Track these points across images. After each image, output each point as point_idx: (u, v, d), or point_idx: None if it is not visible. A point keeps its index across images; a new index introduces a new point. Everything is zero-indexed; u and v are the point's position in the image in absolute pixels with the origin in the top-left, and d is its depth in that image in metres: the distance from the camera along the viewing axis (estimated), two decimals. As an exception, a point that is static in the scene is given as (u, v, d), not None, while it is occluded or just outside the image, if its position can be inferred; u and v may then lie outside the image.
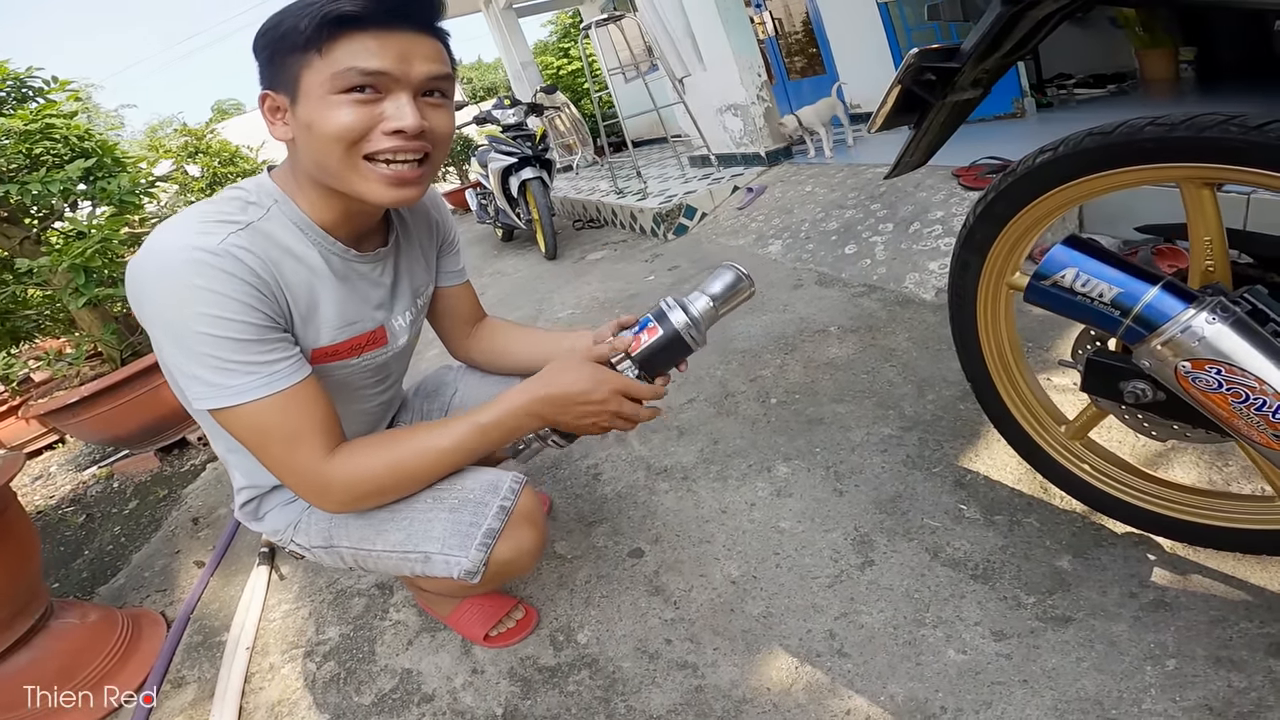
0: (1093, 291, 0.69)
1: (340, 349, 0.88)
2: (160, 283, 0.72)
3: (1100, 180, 0.79)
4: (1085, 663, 0.86)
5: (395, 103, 0.73)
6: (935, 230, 2.23)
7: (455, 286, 1.13)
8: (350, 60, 0.70)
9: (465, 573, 0.85)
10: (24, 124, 2.46)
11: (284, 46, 0.72)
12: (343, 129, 0.72)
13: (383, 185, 0.76)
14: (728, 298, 0.87)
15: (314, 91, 0.72)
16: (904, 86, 0.90)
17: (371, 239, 0.92)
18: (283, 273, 0.79)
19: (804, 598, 1.07)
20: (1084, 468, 0.98)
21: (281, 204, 0.82)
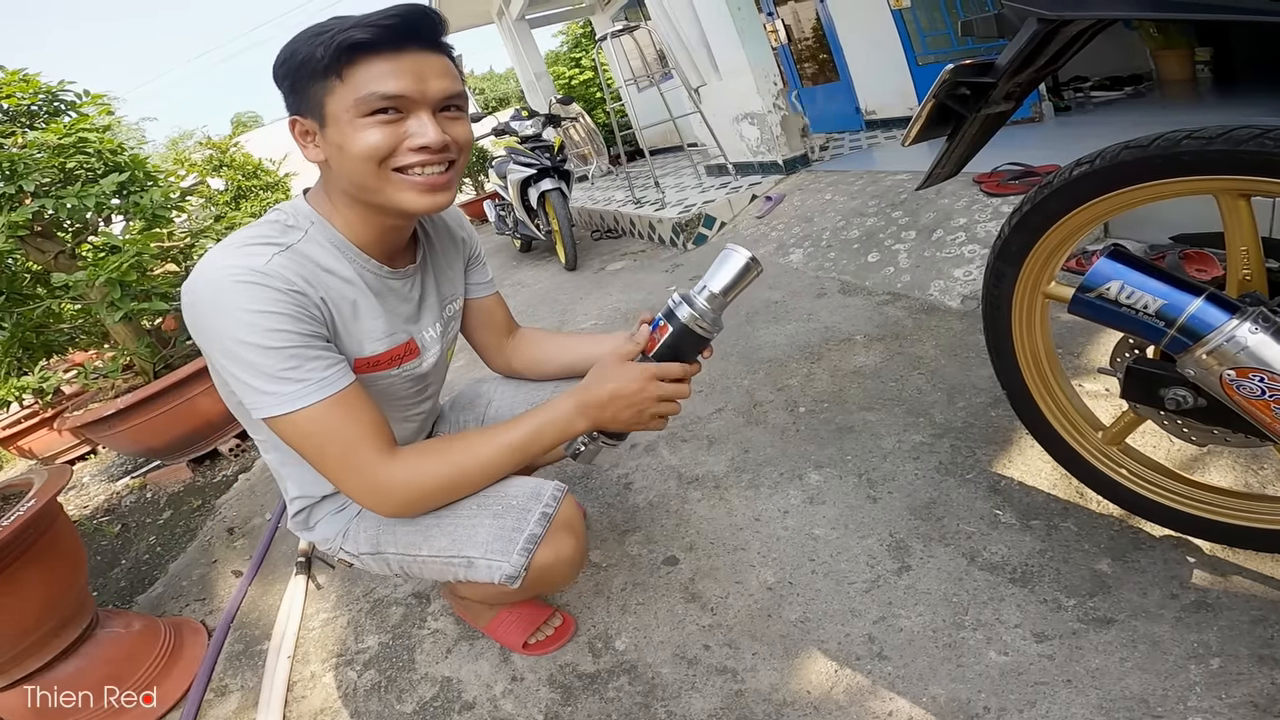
0: (1137, 303, 0.71)
1: (381, 360, 0.92)
2: (214, 303, 0.77)
3: (1137, 193, 0.80)
4: (1129, 662, 0.87)
5: (417, 120, 0.78)
6: (959, 237, 2.23)
7: (486, 298, 1.17)
8: (370, 85, 0.75)
9: (506, 577, 0.87)
10: (58, 138, 2.50)
11: (304, 74, 0.77)
12: (372, 149, 0.77)
13: (416, 193, 0.81)
14: (734, 284, 0.87)
15: (341, 116, 0.76)
16: (938, 101, 0.93)
17: (402, 256, 0.97)
18: (323, 289, 0.84)
19: (841, 602, 1.09)
20: (1122, 472, 0.99)
21: (318, 226, 0.87)
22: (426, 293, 1.02)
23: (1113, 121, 2.85)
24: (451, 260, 1.09)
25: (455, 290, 1.10)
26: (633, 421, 0.89)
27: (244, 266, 0.77)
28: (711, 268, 0.88)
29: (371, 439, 0.82)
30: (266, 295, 0.77)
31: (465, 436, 0.91)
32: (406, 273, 0.97)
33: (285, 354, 0.77)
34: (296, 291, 0.79)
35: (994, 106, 0.96)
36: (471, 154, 7.73)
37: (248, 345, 0.76)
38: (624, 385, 0.87)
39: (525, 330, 1.23)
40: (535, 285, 4.05)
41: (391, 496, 0.85)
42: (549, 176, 3.92)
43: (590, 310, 3.14)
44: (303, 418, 0.79)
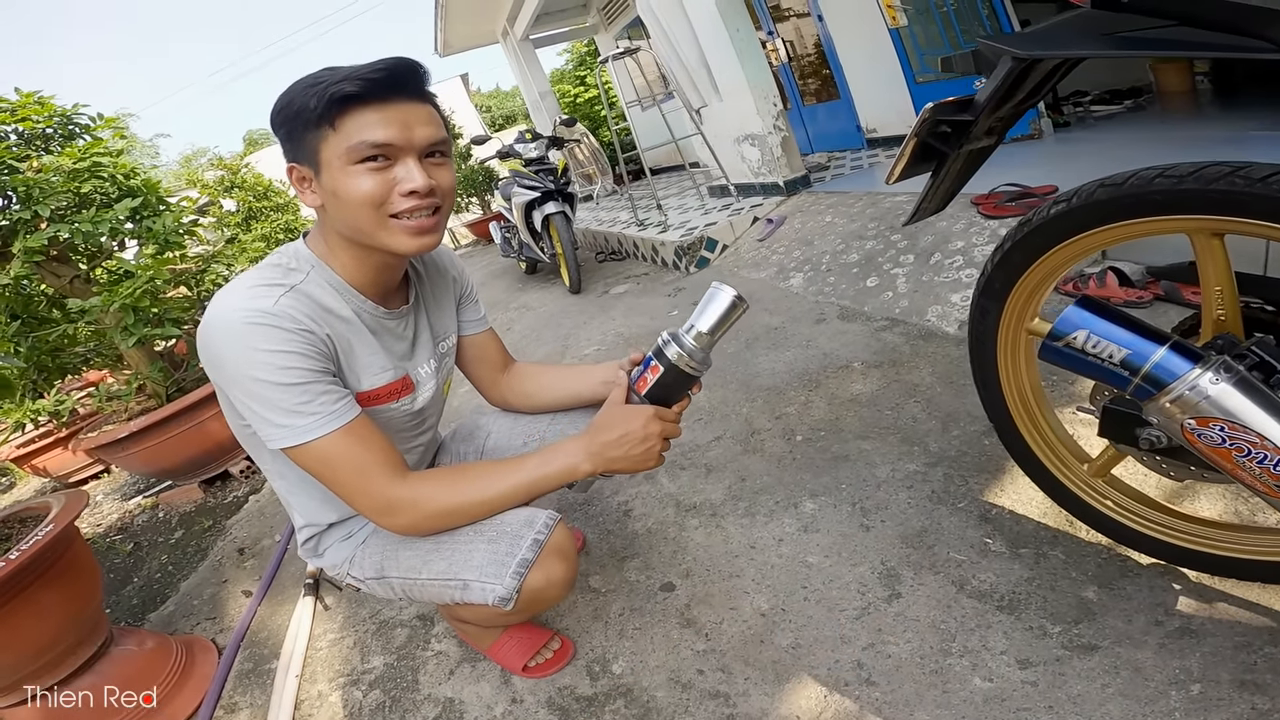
0: (1103, 353, 0.74)
1: (380, 394, 0.98)
2: (230, 345, 0.83)
3: (1112, 231, 0.82)
4: (1110, 689, 0.89)
5: (405, 167, 0.84)
6: (956, 261, 2.26)
7: (479, 334, 1.22)
8: (360, 134, 0.80)
9: (500, 599, 0.92)
10: (73, 162, 2.55)
11: (299, 124, 0.82)
12: (365, 195, 0.83)
13: (407, 236, 0.87)
14: (720, 323, 0.91)
15: (334, 163, 0.82)
16: (920, 139, 0.96)
17: (395, 297, 1.03)
18: (327, 327, 0.89)
19: (832, 629, 1.11)
20: (1107, 504, 1.01)
21: (318, 269, 0.93)
22: (420, 330, 1.07)
23: (1112, 137, 2.86)
24: (443, 299, 1.15)
25: (448, 327, 1.15)
26: (639, 460, 0.94)
27: (255, 309, 0.83)
28: (699, 306, 0.92)
29: (382, 463, 0.89)
30: (279, 335, 0.83)
31: (474, 468, 0.97)
32: (401, 312, 1.02)
33: (299, 390, 0.83)
34: (305, 330, 0.85)
35: (976, 142, 0.99)
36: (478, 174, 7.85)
37: (264, 383, 0.82)
38: (631, 427, 0.92)
39: (519, 365, 1.28)
40: (540, 309, 4.08)
41: (400, 515, 0.91)
42: (553, 200, 3.96)
43: (594, 335, 3.16)
44: (317, 447, 0.85)
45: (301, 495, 1.05)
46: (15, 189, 2.39)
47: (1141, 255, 1.96)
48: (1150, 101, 3.16)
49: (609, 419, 0.94)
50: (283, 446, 0.85)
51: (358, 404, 0.90)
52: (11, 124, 2.58)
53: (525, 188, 4.02)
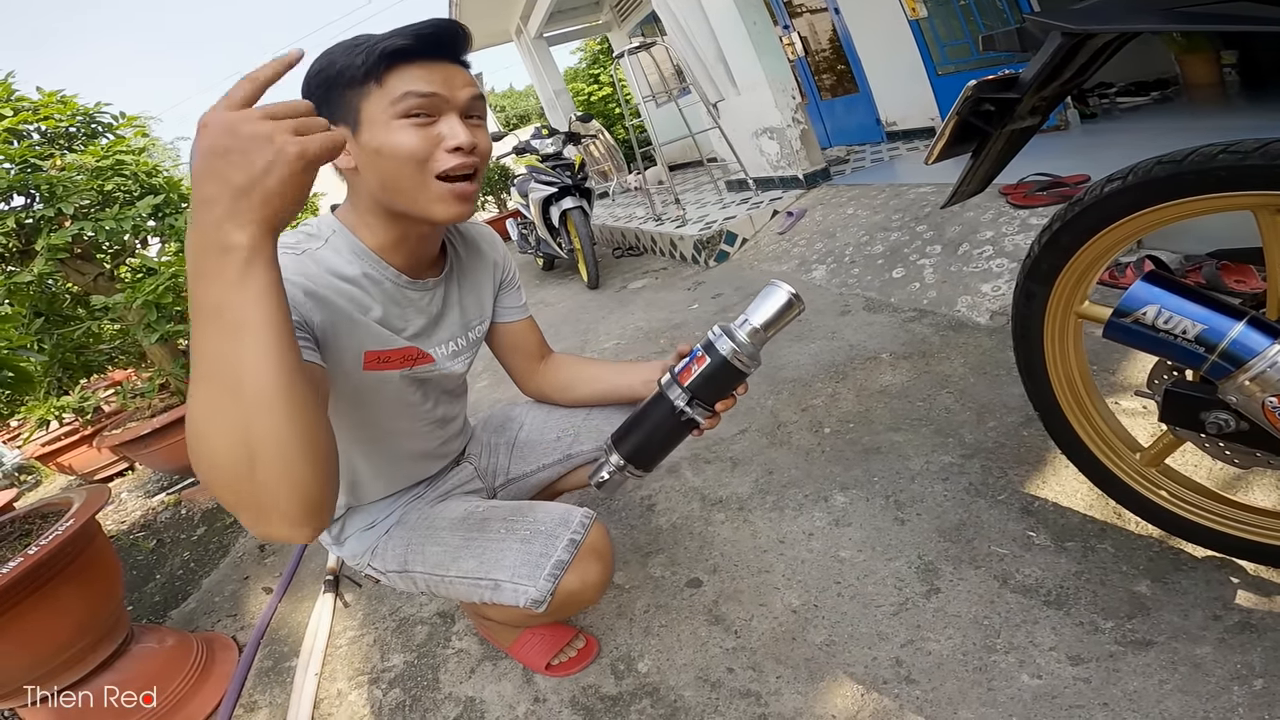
0: (1176, 328, 0.69)
1: (391, 356, 0.93)
2: None
3: (1171, 209, 0.78)
4: (1169, 685, 0.84)
5: (448, 123, 0.81)
6: (986, 251, 2.20)
7: (518, 322, 1.17)
8: (406, 86, 0.78)
9: (532, 601, 0.88)
10: (96, 160, 2.57)
11: (340, 82, 0.79)
12: (410, 150, 0.79)
13: (453, 202, 0.83)
14: (775, 320, 0.87)
15: (377, 119, 0.79)
16: (961, 118, 0.92)
17: (427, 270, 0.98)
18: (328, 290, 0.85)
19: (868, 625, 1.07)
20: (1161, 494, 0.96)
21: (339, 234, 0.90)
22: (449, 309, 1.02)
23: (1140, 129, 2.80)
24: (480, 281, 1.09)
25: (482, 312, 1.10)
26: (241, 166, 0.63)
27: None
28: (754, 302, 0.88)
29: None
30: None
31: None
32: (427, 285, 0.97)
33: None
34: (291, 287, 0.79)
35: (1019, 122, 0.95)
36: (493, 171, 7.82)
37: None
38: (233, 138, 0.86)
39: (558, 356, 1.24)
40: (558, 304, 4.07)
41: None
42: (570, 195, 3.94)
43: (613, 330, 3.14)
44: None
45: None
46: (38, 187, 2.41)
47: (1180, 244, 1.89)
48: (1177, 93, 3.09)
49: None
50: None
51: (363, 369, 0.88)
52: (34, 123, 2.61)
53: (542, 183, 4.01)
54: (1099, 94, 3.36)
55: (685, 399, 0.89)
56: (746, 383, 0.92)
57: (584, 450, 1.19)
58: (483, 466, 1.25)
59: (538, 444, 1.21)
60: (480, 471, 1.24)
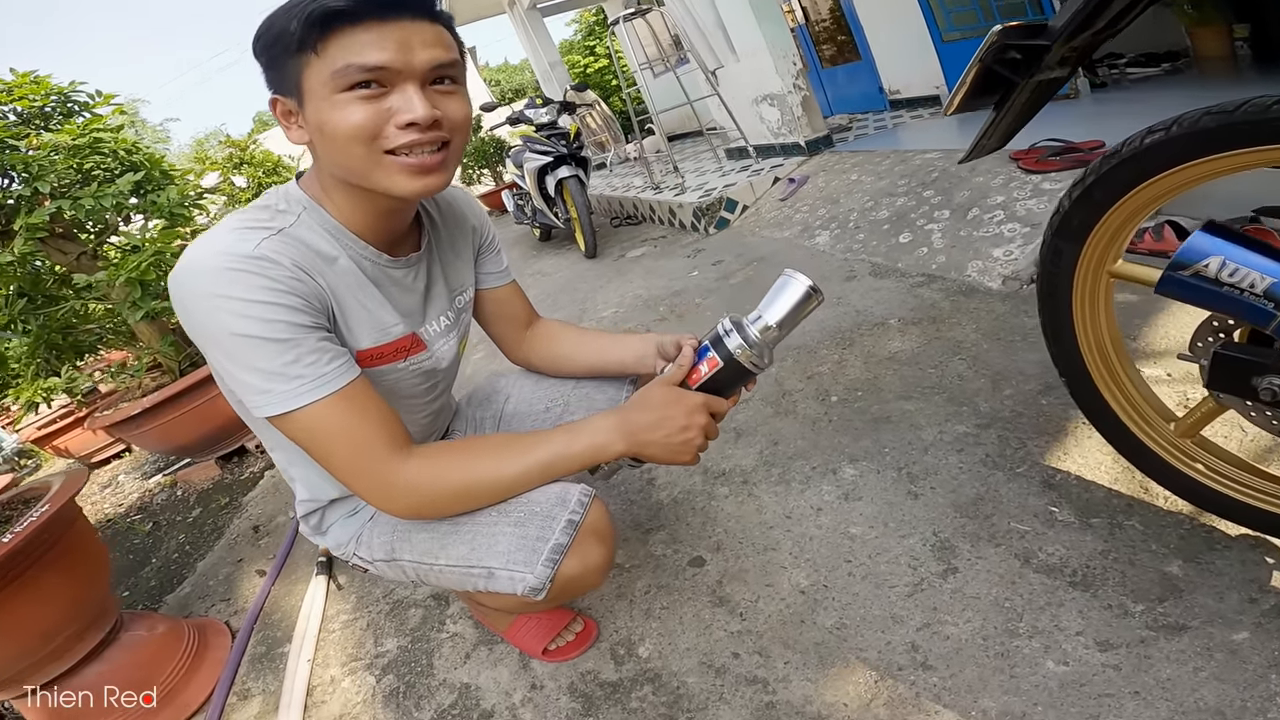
0: (1242, 282, 0.62)
1: (384, 351, 0.86)
2: (202, 295, 0.71)
3: (1219, 162, 0.71)
4: (1204, 672, 0.79)
5: (402, 95, 0.71)
6: (997, 215, 2.12)
7: (501, 288, 1.09)
8: (347, 57, 0.68)
9: (530, 589, 0.81)
10: (72, 139, 2.51)
11: (279, 50, 0.70)
12: (354, 128, 0.70)
13: (406, 176, 0.74)
14: (792, 315, 0.80)
15: (317, 92, 0.70)
16: (984, 65, 0.85)
17: (403, 244, 0.91)
18: (320, 276, 0.78)
19: (881, 608, 1.01)
20: (1197, 467, 0.89)
21: (310, 210, 0.81)
22: (433, 282, 0.95)
23: (1152, 98, 2.72)
24: (461, 248, 1.02)
25: (464, 280, 1.03)
26: (673, 452, 0.83)
27: (231, 253, 0.71)
28: (767, 296, 0.81)
29: (381, 437, 0.76)
30: (260, 284, 0.70)
31: (489, 443, 0.86)
32: (409, 261, 0.90)
33: (284, 347, 0.71)
34: (293, 278, 0.73)
35: (1046, 72, 0.88)
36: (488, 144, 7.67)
37: (241, 338, 0.70)
38: (672, 411, 0.81)
39: (546, 323, 1.16)
40: (555, 274, 4.00)
41: (402, 499, 0.79)
42: (566, 164, 3.86)
43: (610, 298, 3.08)
44: (305, 416, 0.73)
45: (302, 466, 0.95)
46: (14, 167, 2.34)
47: (1199, 209, 1.81)
48: (1187, 65, 3.02)
49: (651, 398, 0.83)
50: (267, 415, 0.74)
51: (357, 365, 0.79)
52: (9, 103, 2.55)
53: (537, 153, 3.93)
54: (1109, 64, 3.28)
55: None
56: (755, 379, 0.87)
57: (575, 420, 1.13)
58: None
59: (526, 416, 1.14)
60: None
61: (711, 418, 0.84)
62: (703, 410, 0.82)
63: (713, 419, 0.84)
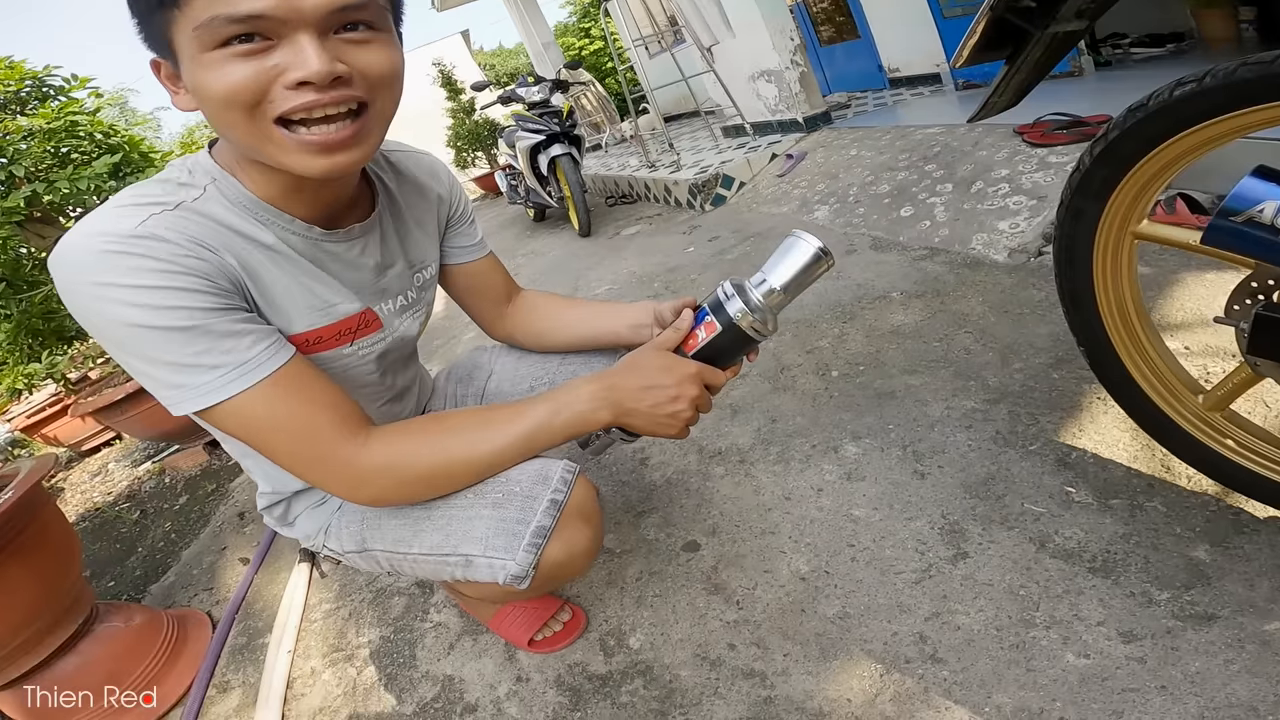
0: None
1: (324, 334, 0.76)
2: (78, 283, 0.61)
3: (1254, 115, 0.64)
4: (1235, 665, 0.74)
5: (292, 48, 0.57)
6: (1001, 189, 2.04)
7: (475, 262, 1.00)
8: (212, 7, 0.55)
9: (512, 577, 0.74)
10: (47, 123, 2.46)
11: (141, 7, 0.60)
12: (228, 92, 0.58)
13: (307, 154, 0.62)
14: (798, 279, 0.73)
15: (186, 50, 0.58)
16: (995, 15, 0.78)
17: (347, 215, 0.79)
18: (229, 253, 0.67)
19: (887, 596, 0.95)
20: (1228, 443, 0.83)
21: (220, 182, 0.70)
22: (389, 257, 0.85)
23: (1157, 77, 2.64)
24: (423, 220, 0.92)
25: (427, 255, 0.92)
26: (658, 424, 0.76)
27: (109, 233, 0.60)
28: (773, 257, 0.74)
29: (330, 421, 0.68)
30: (144, 265, 0.60)
31: (460, 418, 0.77)
32: (349, 235, 0.78)
33: (191, 335, 0.62)
34: (183, 255, 0.62)
35: (1063, 24, 0.81)
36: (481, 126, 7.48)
37: (137, 329, 0.61)
38: (660, 380, 0.74)
39: (528, 295, 1.08)
40: (549, 253, 3.94)
41: (366, 487, 0.71)
42: (558, 142, 3.78)
43: (605, 276, 3.03)
44: (233, 408, 0.64)
45: (257, 458, 0.87)
46: (-11, 151, 2.29)
47: (1209, 183, 1.74)
48: (1192, 47, 2.96)
49: (641, 363, 0.76)
50: (187, 412, 0.65)
51: (290, 345, 0.70)
52: (-18, 89, 2.48)
53: (529, 131, 3.85)
54: (1113, 44, 3.22)
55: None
56: (758, 349, 0.80)
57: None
58: None
59: (509, 395, 1.07)
60: None
61: (706, 389, 0.77)
62: (695, 380, 0.75)
63: (707, 391, 0.77)
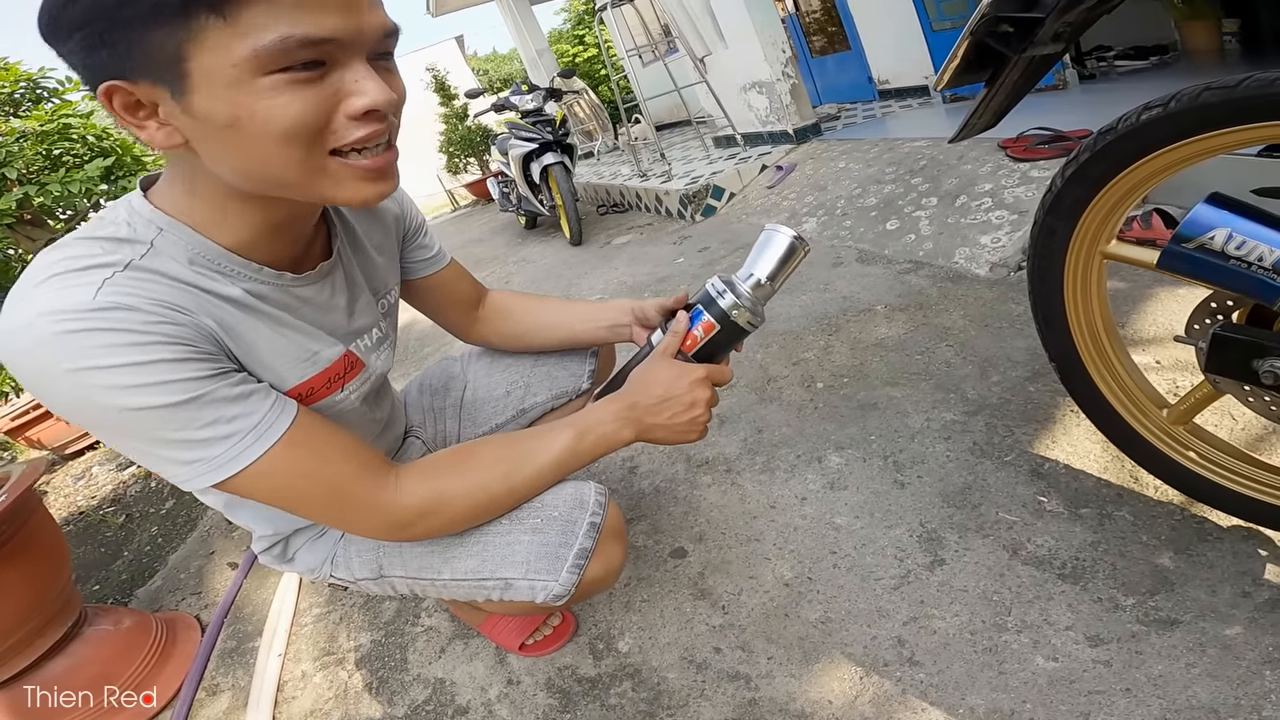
0: (1250, 255, 0.59)
1: (315, 385, 0.72)
2: (49, 374, 0.54)
3: (1219, 138, 0.68)
4: (1196, 668, 0.77)
5: (352, 74, 0.53)
6: (985, 203, 2.09)
7: (438, 273, 0.98)
8: (278, 25, 0.49)
9: (554, 597, 0.76)
10: (40, 125, 2.46)
11: (136, 12, 0.48)
12: (294, 124, 0.52)
13: (364, 183, 0.58)
14: (780, 268, 0.78)
15: (221, 74, 0.50)
16: (975, 39, 0.82)
17: (309, 256, 0.74)
18: (199, 312, 0.60)
19: (867, 601, 0.99)
20: (1190, 455, 0.87)
21: (169, 232, 0.61)
22: (355, 292, 0.80)
23: (1140, 90, 2.71)
24: (382, 244, 0.88)
25: (389, 278, 0.89)
26: (680, 434, 0.78)
27: (68, 310, 0.53)
28: (753, 252, 0.79)
29: (356, 468, 0.66)
30: (125, 340, 0.54)
31: (490, 451, 0.76)
32: (319, 274, 0.73)
33: (195, 406, 0.57)
34: (161, 323, 0.56)
35: (1040, 48, 0.85)
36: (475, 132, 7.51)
37: (139, 413, 0.55)
38: (675, 387, 0.76)
39: (497, 296, 1.06)
40: (540, 261, 3.96)
41: (411, 526, 0.70)
42: (551, 150, 3.81)
43: (595, 284, 3.05)
44: (255, 474, 0.61)
45: (251, 509, 0.83)
46: (-20, 153, 2.28)
47: (1186, 198, 1.80)
48: (1176, 59, 3.02)
49: (649, 377, 0.77)
50: (202, 487, 0.61)
51: (289, 399, 0.66)
52: (-24, 90, 2.48)
53: (522, 139, 3.87)
54: (1097, 57, 3.28)
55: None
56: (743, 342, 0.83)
57: (538, 402, 1.09)
58: (429, 436, 1.12)
59: (486, 402, 1.09)
60: (428, 442, 1.11)
61: (719, 384, 0.80)
62: (705, 383, 0.77)
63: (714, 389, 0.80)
